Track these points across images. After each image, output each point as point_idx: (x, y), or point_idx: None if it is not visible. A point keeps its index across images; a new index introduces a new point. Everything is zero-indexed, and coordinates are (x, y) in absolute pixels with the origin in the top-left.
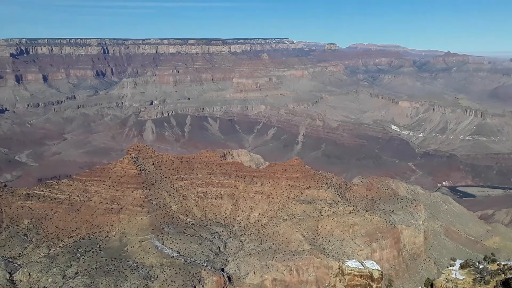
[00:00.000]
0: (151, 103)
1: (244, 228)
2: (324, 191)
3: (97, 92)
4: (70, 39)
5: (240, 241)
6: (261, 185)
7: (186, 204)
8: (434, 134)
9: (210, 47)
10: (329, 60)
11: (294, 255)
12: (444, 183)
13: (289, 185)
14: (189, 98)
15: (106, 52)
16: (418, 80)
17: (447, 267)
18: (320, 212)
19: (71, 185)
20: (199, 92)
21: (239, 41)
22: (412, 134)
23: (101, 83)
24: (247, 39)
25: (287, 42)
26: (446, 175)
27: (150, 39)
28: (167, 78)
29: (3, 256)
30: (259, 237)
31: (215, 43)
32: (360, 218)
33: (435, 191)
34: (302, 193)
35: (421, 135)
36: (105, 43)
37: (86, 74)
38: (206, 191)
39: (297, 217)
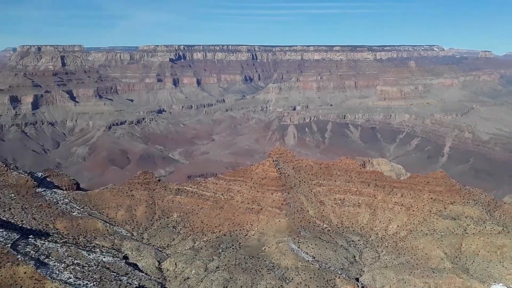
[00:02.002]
0: (294, 109)
1: (381, 239)
2: (470, 208)
3: (244, 96)
4: (222, 45)
5: (377, 252)
6: (401, 196)
7: (323, 210)
8: None
9: (355, 54)
10: (483, 69)
11: (433, 272)
12: None
13: (431, 198)
14: (331, 105)
15: (255, 58)
16: None
17: None
18: (465, 230)
19: (216, 184)
20: (341, 99)
21: (385, 47)
22: None
23: (248, 88)
24: (393, 46)
25: (436, 49)
26: None
27: (296, 45)
28: (310, 84)
29: (153, 245)
30: (397, 250)
31: (360, 50)
32: (511, 240)
33: None
34: (445, 208)
35: None
36: (254, 50)
37: (235, 79)
38: (344, 199)
39: (439, 233)
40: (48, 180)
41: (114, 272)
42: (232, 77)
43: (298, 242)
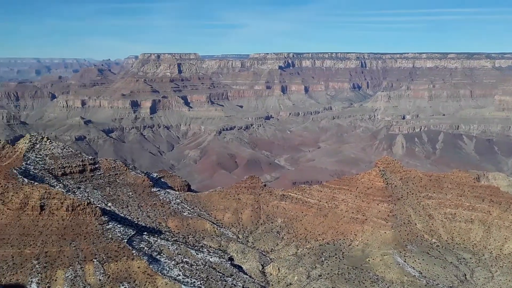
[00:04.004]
0: (403, 118)
1: (496, 258)
2: None
3: (351, 104)
4: (331, 53)
5: (490, 272)
6: None
7: (432, 224)
8: None
9: (471, 62)
10: None
11: None
12: None
13: None
14: (443, 114)
15: (364, 65)
16: None
17: None
18: None
19: (321, 191)
20: (455, 109)
21: (505, 55)
22: None
23: (356, 96)
24: None
25: None
26: None
27: (407, 53)
28: (422, 93)
29: (258, 249)
30: None
31: (477, 57)
32: None
33: None
34: None
35: None
36: (363, 57)
37: (343, 86)
38: (455, 213)
39: None
40: (163, 180)
41: (220, 273)
42: (340, 85)
43: (404, 256)
